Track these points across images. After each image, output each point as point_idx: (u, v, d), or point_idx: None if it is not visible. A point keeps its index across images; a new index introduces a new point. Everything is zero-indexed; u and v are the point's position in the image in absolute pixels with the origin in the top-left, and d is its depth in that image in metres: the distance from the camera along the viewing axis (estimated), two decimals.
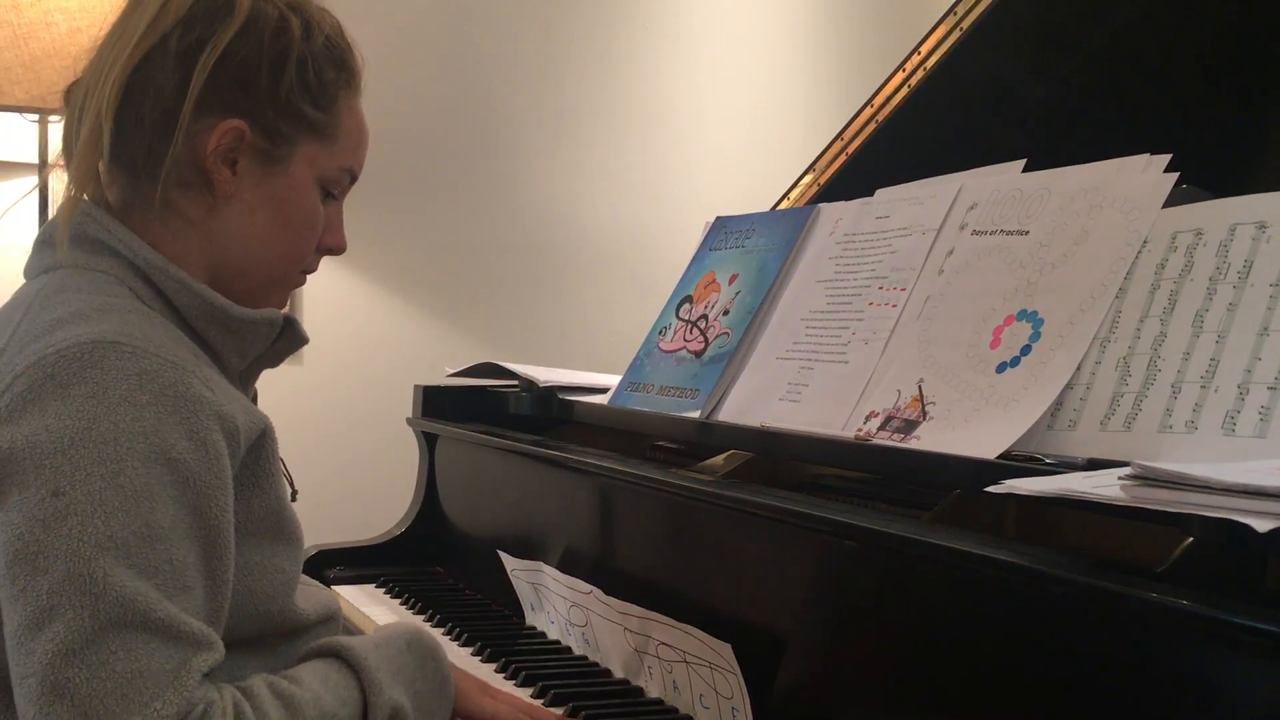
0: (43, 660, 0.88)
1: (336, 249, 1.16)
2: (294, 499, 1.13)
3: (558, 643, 1.50)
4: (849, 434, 1.28)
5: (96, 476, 0.90)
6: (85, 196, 1.08)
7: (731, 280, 1.64)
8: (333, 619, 1.16)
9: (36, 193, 2.45)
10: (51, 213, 1.12)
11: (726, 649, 1.15)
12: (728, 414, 1.49)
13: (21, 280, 1.12)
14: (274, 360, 1.17)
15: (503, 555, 1.58)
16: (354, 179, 1.16)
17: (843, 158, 1.92)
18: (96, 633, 0.88)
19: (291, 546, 1.08)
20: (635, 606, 1.30)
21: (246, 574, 1.03)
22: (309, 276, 1.20)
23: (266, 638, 1.06)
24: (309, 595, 1.13)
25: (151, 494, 0.92)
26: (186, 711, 0.90)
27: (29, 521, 0.90)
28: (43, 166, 2.65)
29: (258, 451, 1.03)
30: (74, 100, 1.09)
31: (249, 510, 1.02)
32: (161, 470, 0.92)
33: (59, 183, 1.11)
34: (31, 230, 2.66)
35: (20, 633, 0.89)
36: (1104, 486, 0.86)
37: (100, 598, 0.88)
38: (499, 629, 1.58)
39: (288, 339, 1.15)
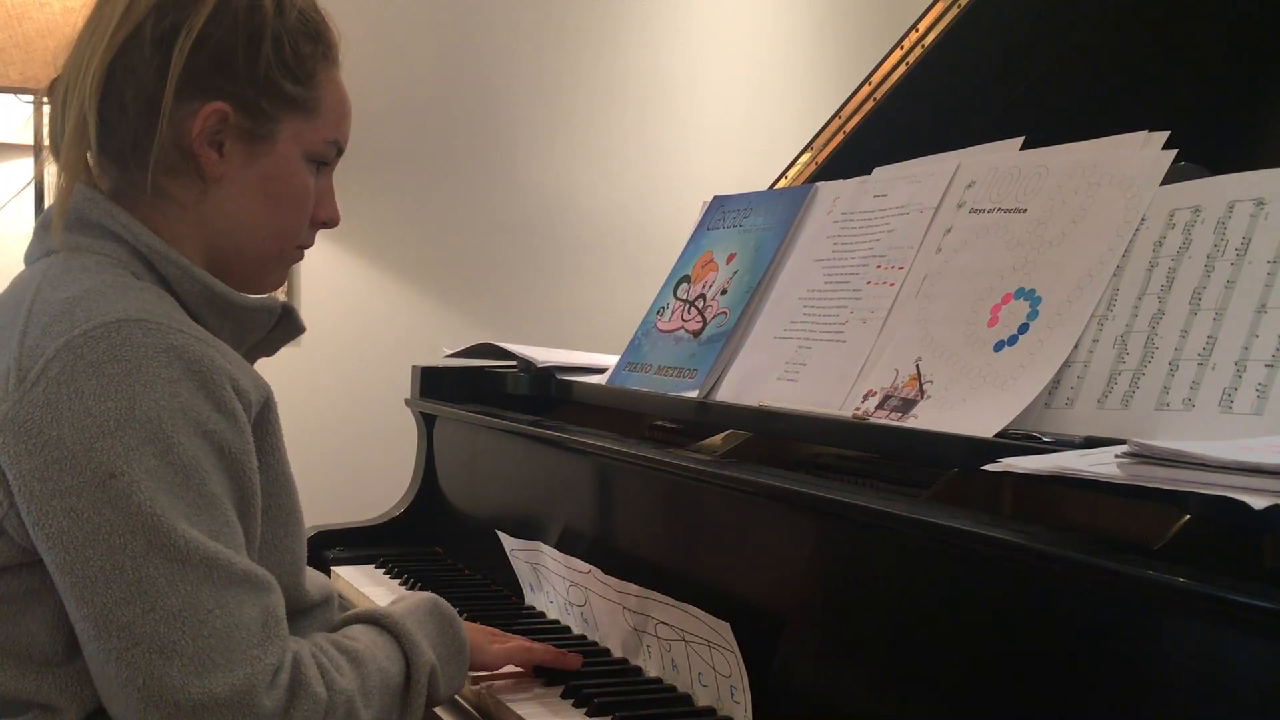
0: (145, 630, 0.92)
1: (330, 222, 1.18)
2: None
3: (556, 622, 1.51)
4: (847, 413, 1.28)
5: (149, 455, 0.94)
6: (84, 183, 1.09)
7: (729, 260, 1.64)
8: (330, 600, 1.19)
9: (32, 179, 2.45)
10: (48, 199, 1.13)
11: (725, 628, 1.15)
12: (725, 393, 1.49)
13: (17, 265, 1.13)
14: (269, 349, 1.18)
15: (501, 535, 1.58)
16: (340, 151, 1.17)
17: (840, 136, 1.91)
18: (191, 594, 0.93)
19: (299, 526, 1.11)
20: (634, 585, 1.30)
21: (262, 553, 1.05)
22: (306, 256, 1.21)
23: None
24: (309, 576, 1.16)
25: (200, 466, 0.96)
26: (282, 658, 0.97)
27: (94, 504, 0.93)
28: (37, 148, 2.64)
29: (263, 422, 1.05)
30: (56, 95, 1.10)
31: (262, 484, 1.05)
32: (203, 443, 0.97)
33: (53, 170, 1.12)
34: (26, 216, 2.65)
35: (110, 610, 0.92)
36: (1101, 464, 0.86)
37: (186, 562, 0.93)
38: (498, 609, 1.58)
39: (284, 328, 1.17)
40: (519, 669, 1.32)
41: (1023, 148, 1.34)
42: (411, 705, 1.11)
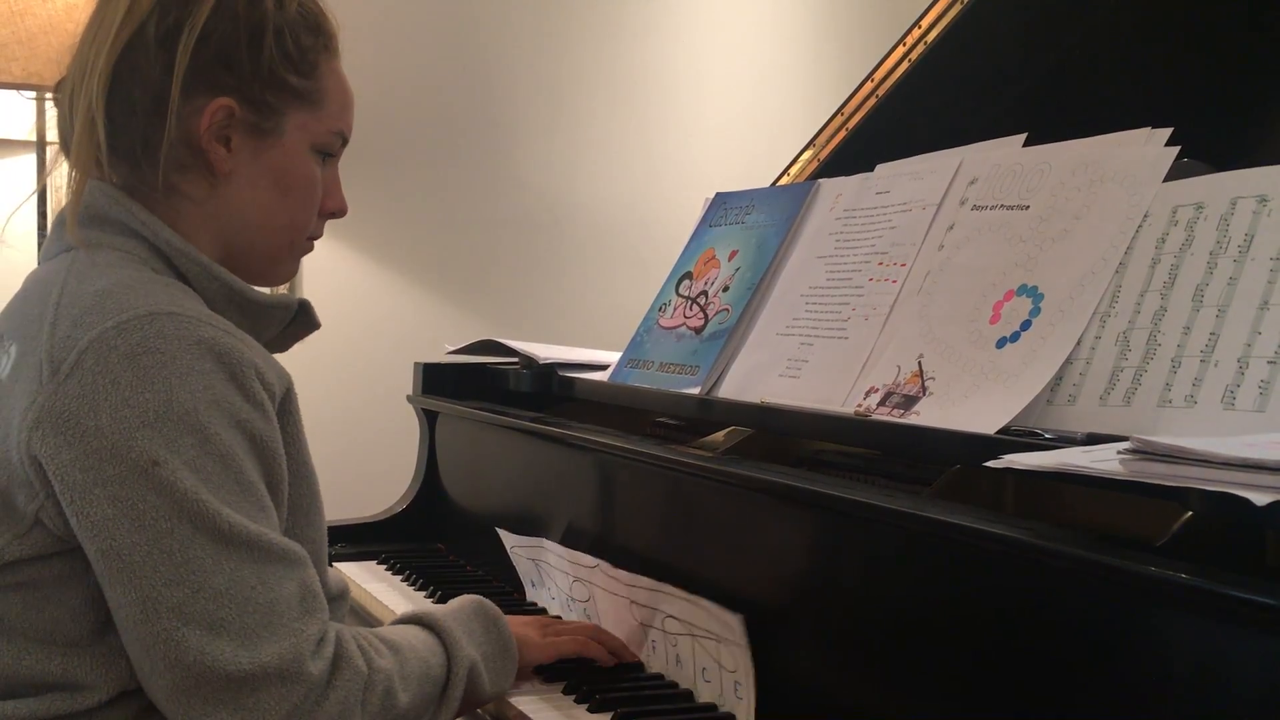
0: (194, 608, 0.95)
1: (338, 212, 1.20)
2: None
3: (559, 618, 1.51)
4: (849, 410, 1.28)
5: (189, 446, 0.97)
6: (100, 179, 1.10)
7: (731, 256, 1.64)
8: (344, 596, 1.21)
9: (35, 176, 2.45)
10: (51, 200, 1.13)
11: (737, 621, 1.16)
12: (728, 390, 1.49)
13: (19, 263, 1.13)
14: (283, 344, 1.20)
15: (501, 533, 1.58)
16: (345, 141, 1.18)
17: (843, 133, 1.91)
18: (235, 573, 0.97)
19: (320, 515, 1.13)
20: (645, 578, 1.30)
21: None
22: (311, 252, 1.22)
23: None
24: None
25: (236, 455, 0.99)
26: (324, 631, 1.01)
27: (140, 491, 0.95)
28: (40, 144, 2.64)
29: (285, 411, 1.07)
30: (63, 96, 1.11)
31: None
32: (237, 433, 0.99)
33: (61, 169, 1.13)
34: (30, 218, 2.64)
35: (159, 591, 0.95)
36: (1103, 461, 0.86)
37: (230, 543, 0.97)
38: (500, 605, 1.58)
39: (300, 324, 1.18)
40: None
41: (1025, 144, 1.34)
42: (450, 698, 1.13)
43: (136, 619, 0.96)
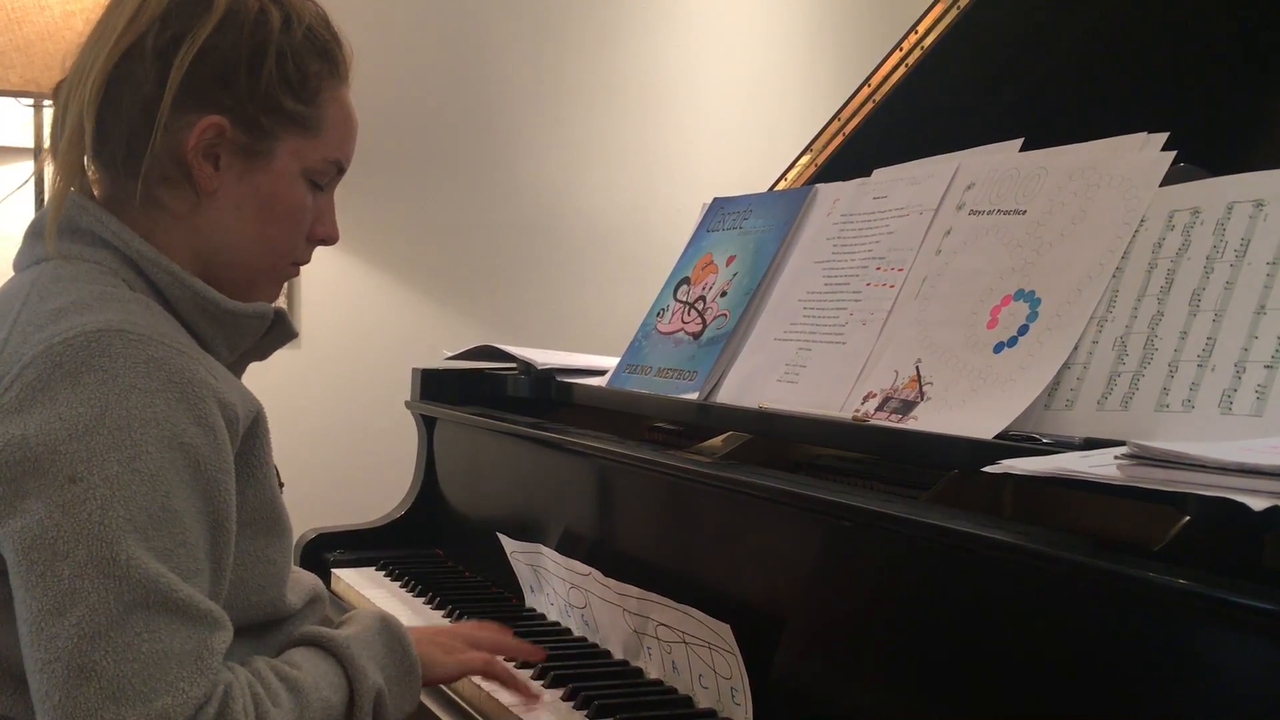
0: (67, 644, 0.89)
1: (328, 239, 1.16)
2: (280, 489, 1.13)
3: (557, 624, 1.51)
4: (846, 415, 1.28)
5: (113, 462, 0.91)
6: (75, 189, 1.08)
7: (729, 261, 1.64)
8: (317, 601, 1.17)
9: (32, 182, 2.45)
10: (47, 202, 1.12)
11: (726, 629, 1.16)
12: (725, 395, 1.49)
13: (10, 268, 1.12)
14: (262, 354, 1.17)
15: (502, 537, 1.58)
16: (342, 171, 1.15)
17: (840, 138, 1.91)
18: (121, 615, 0.89)
19: (283, 539, 1.09)
20: (634, 587, 1.30)
21: (239, 565, 1.03)
22: (296, 276, 1.19)
23: (254, 626, 1.07)
24: (294, 583, 1.14)
25: (166, 478, 0.93)
26: (210, 692, 0.92)
27: (48, 508, 0.90)
28: (38, 151, 2.64)
29: (252, 438, 1.03)
30: (60, 98, 1.09)
31: (243, 500, 1.03)
32: (175, 455, 0.94)
33: (52, 173, 1.11)
34: (26, 218, 2.65)
35: (41, 619, 0.90)
36: (1101, 466, 0.86)
37: (123, 580, 0.90)
38: (498, 610, 1.58)
39: (277, 333, 1.15)
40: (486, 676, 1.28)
41: (1022, 149, 1.34)
42: None
43: (25, 642, 0.91)
